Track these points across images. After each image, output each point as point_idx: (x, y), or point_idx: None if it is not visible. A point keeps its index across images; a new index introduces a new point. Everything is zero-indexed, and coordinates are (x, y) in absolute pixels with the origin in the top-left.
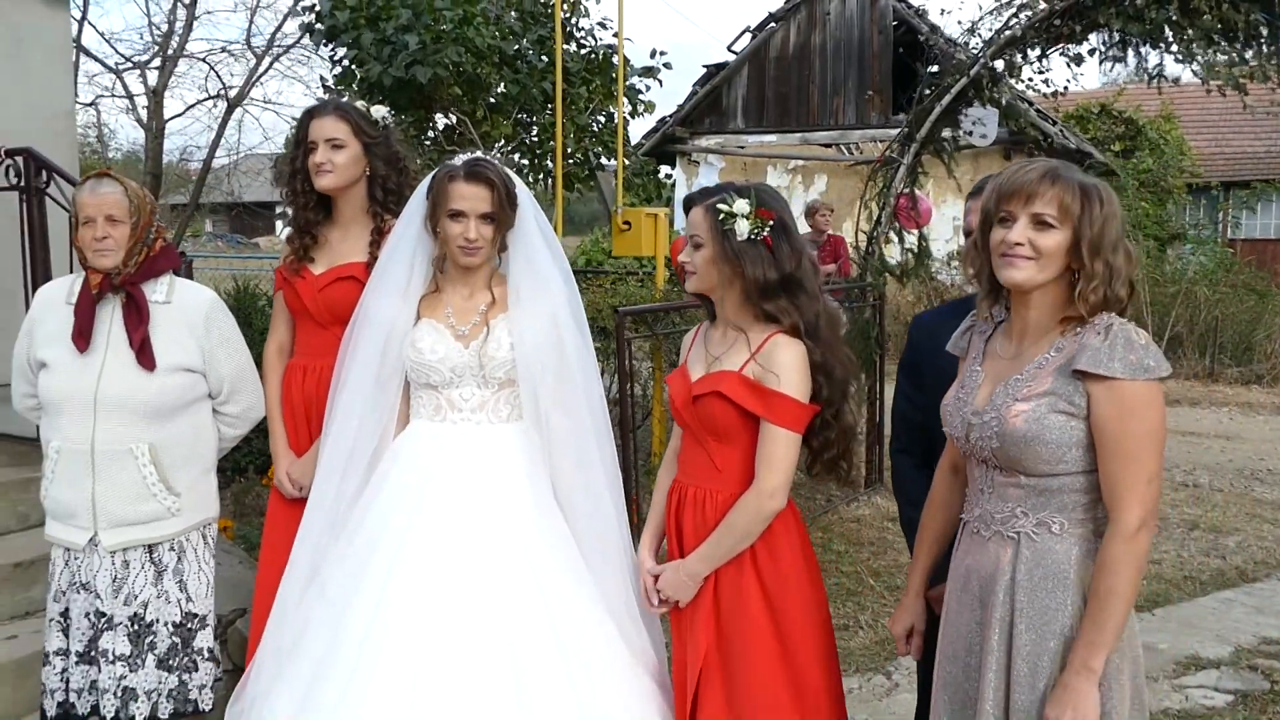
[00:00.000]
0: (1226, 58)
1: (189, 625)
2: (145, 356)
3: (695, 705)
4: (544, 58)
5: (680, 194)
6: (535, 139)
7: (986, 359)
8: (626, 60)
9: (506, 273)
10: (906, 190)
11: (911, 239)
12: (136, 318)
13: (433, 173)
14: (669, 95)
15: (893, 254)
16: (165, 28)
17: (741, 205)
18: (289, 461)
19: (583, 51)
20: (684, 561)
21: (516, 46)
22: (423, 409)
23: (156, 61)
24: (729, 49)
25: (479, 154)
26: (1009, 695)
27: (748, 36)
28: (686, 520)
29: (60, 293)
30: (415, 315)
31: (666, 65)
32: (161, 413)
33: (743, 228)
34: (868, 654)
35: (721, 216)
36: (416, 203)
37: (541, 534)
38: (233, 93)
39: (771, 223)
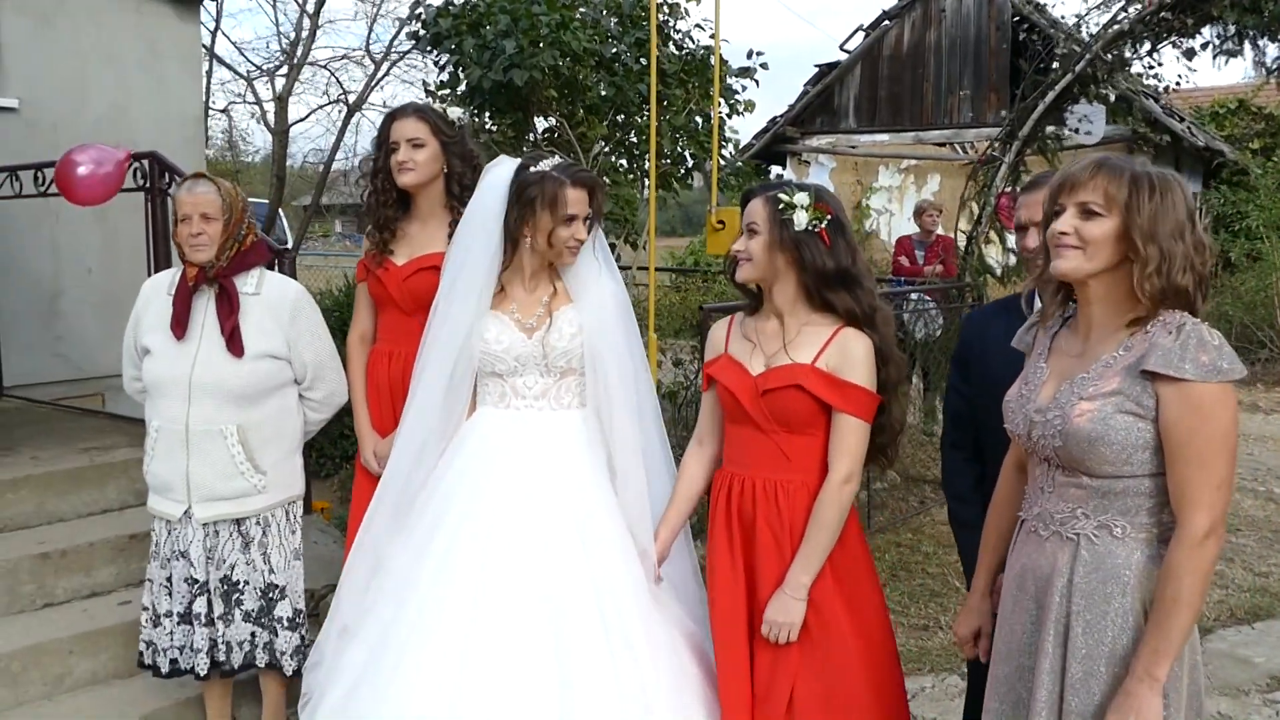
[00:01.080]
0: None
1: (270, 595)
2: (235, 344)
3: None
4: (641, 60)
5: None
6: (632, 140)
7: (1052, 355)
8: (724, 61)
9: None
10: (1008, 189)
11: (1013, 239)
12: (228, 308)
13: (512, 176)
14: (780, 95)
15: (995, 254)
16: (292, 36)
17: (801, 197)
18: (374, 441)
19: (680, 53)
20: (785, 583)
21: (615, 50)
22: (489, 396)
23: (284, 70)
24: (841, 48)
25: (559, 158)
26: (1063, 699)
27: (861, 35)
28: (760, 512)
29: (162, 284)
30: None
31: (763, 65)
32: (249, 396)
33: (801, 218)
34: (944, 654)
35: (781, 206)
36: (489, 208)
37: (596, 518)
38: (352, 98)
39: (830, 217)
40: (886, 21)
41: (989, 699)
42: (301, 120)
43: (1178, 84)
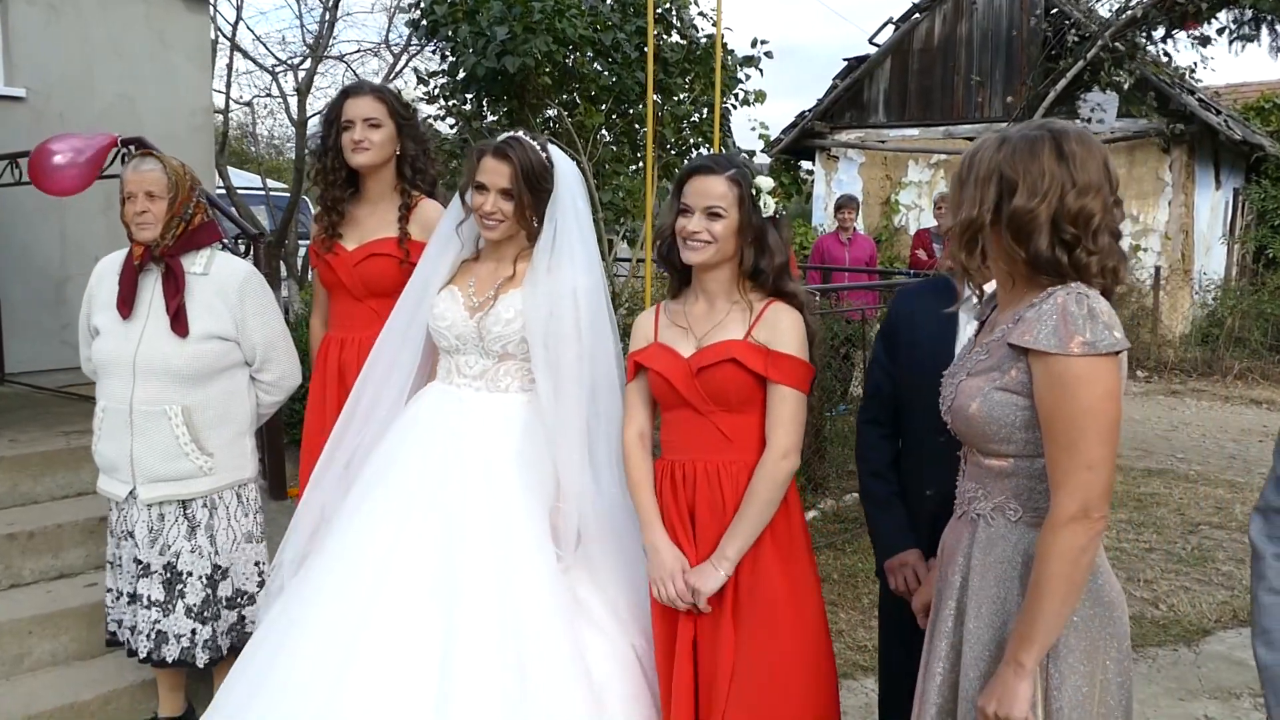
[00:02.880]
0: None
1: (215, 577)
2: (179, 324)
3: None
4: (641, 48)
5: (820, 189)
6: (632, 129)
7: (981, 329)
8: (729, 50)
9: (538, 249)
10: None
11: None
12: (173, 287)
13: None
14: (809, 89)
15: None
16: (315, 29)
17: (766, 182)
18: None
19: (685, 42)
20: (716, 552)
21: (613, 38)
22: (440, 370)
23: (307, 64)
24: (871, 41)
25: (520, 133)
26: (959, 676)
27: (891, 29)
28: (700, 496)
29: (113, 265)
30: (447, 279)
31: (768, 55)
32: (195, 377)
33: (769, 204)
34: None
35: (754, 190)
36: (465, 174)
37: (508, 505)
38: None
39: (784, 207)
40: (916, 15)
41: (923, 662)
42: (319, 113)
43: (1193, 68)
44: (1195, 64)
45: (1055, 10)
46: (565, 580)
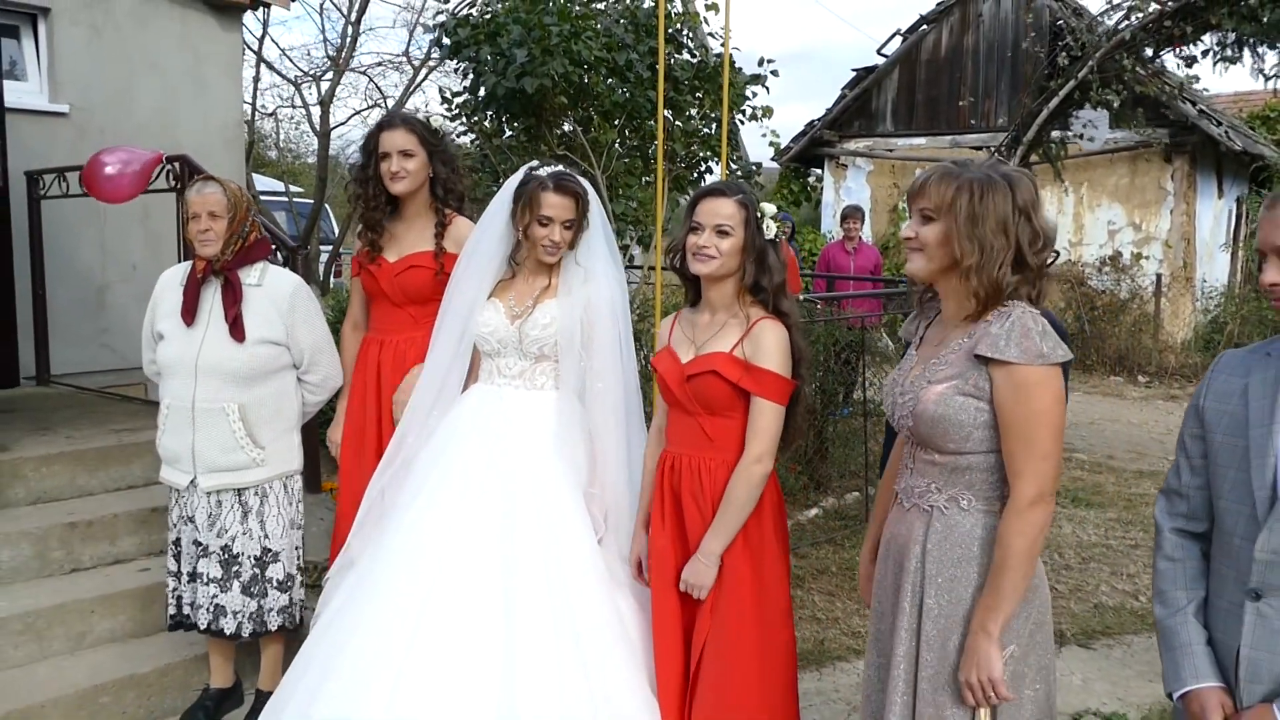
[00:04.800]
0: None
1: (265, 559)
2: (237, 330)
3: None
4: (653, 68)
5: (829, 197)
6: (646, 143)
7: (922, 345)
8: (736, 67)
9: (566, 264)
10: None
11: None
12: (232, 297)
13: (521, 178)
14: (818, 99)
15: None
16: (338, 42)
17: (770, 208)
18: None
19: (694, 61)
20: (700, 549)
21: (627, 58)
22: (483, 372)
23: (329, 75)
24: (879, 52)
25: (562, 167)
26: (918, 655)
27: (898, 39)
28: (684, 487)
29: (176, 276)
30: (489, 295)
31: (774, 73)
32: (250, 378)
33: (771, 228)
34: None
35: (759, 214)
36: (501, 202)
37: (551, 490)
38: (391, 102)
39: (784, 231)
40: (924, 26)
41: (868, 652)
42: (342, 124)
43: (1196, 78)
44: (1197, 75)
45: (1060, 21)
46: (601, 551)
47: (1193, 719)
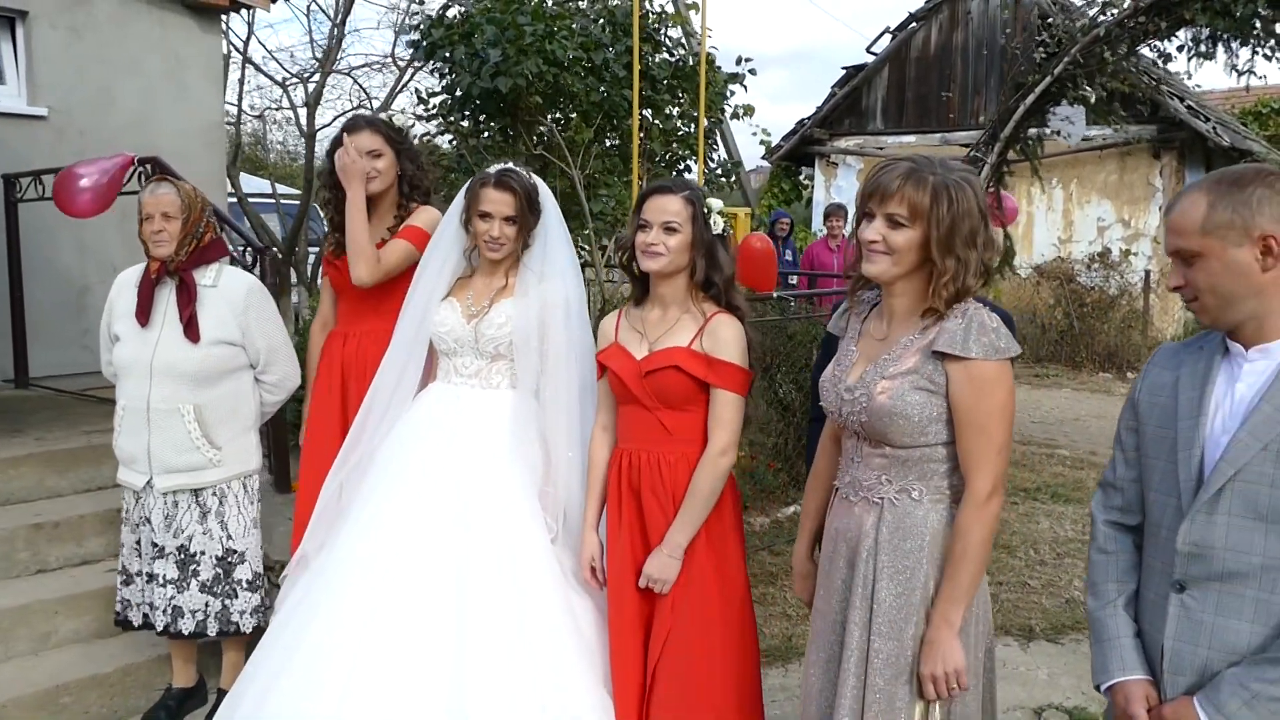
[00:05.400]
0: None
1: (229, 559)
2: (191, 330)
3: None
4: (629, 67)
5: (820, 195)
6: (623, 142)
7: (861, 339)
8: (716, 66)
9: (523, 264)
10: (991, 189)
11: (997, 238)
12: (186, 298)
13: (471, 178)
14: (809, 97)
15: None
16: (325, 43)
17: (716, 203)
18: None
19: (672, 60)
20: (663, 542)
21: (605, 57)
22: (440, 371)
23: (316, 77)
24: (868, 50)
25: (510, 164)
26: (870, 645)
27: (888, 38)
28: (644, 482)
29: (131, 277)
30: (446, 293)
31: (751, 72)
32: (205, 378)
33: (718, 222)
34: None
35: (706, 209)
36: (456, 202)
37: (507, 483)
38: (376, 104)
39: (730, 226)
40: (913, 24)
41: (809, 649)
42: (327, 125)
43: (1189, 74)
44: (1190, 71)
45: (1050, 19)
46: (555, 551)
47: (1118, 711)
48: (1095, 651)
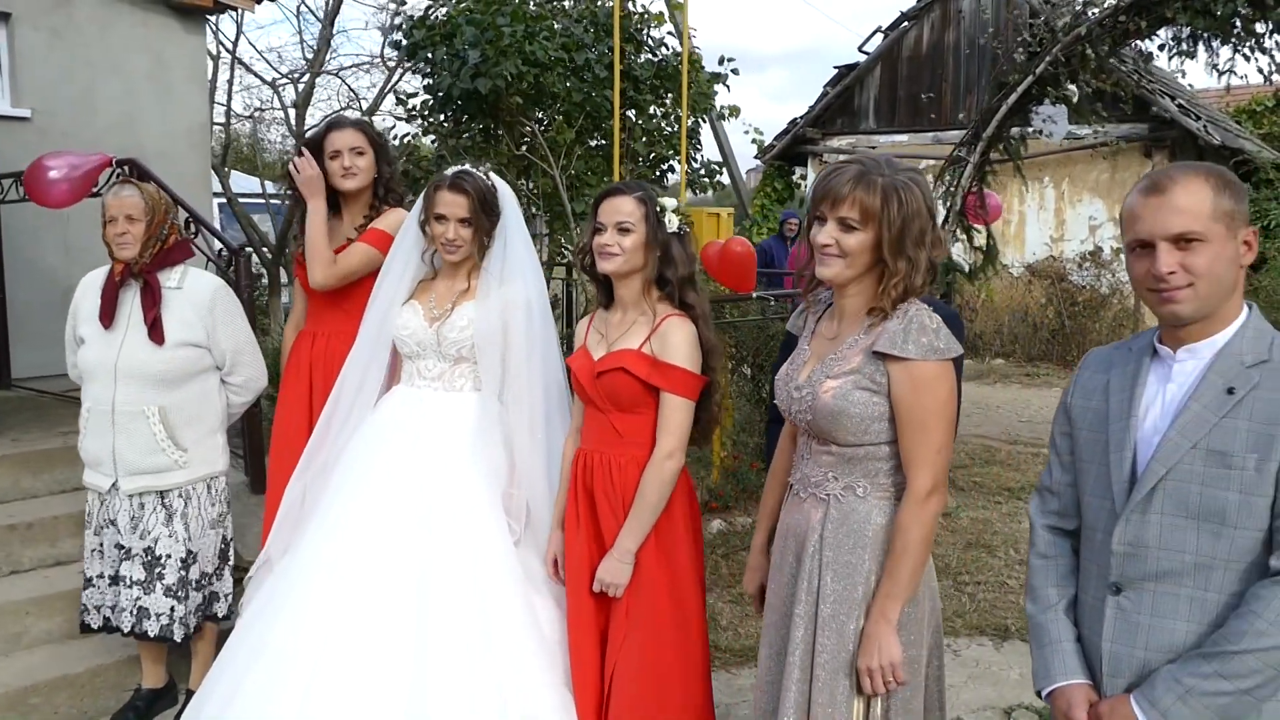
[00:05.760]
0: None
1: (187, 560)
2: (156, 333)
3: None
4: (612, 68)
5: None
6: (602, 143)
7: (814, 339)
8: (699, 66)
9: (485, 267)
10: (974, 189)
11: (981, 237)
12: (150, 300)
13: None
14: (801, 96)
15: (962, 252)
16: (315, 45)
17: (671, 202)
18: None
19: (655, 60)
20: (614, 547)
21: (586, 58)
22: (403, 374)
23: (306, 78)
24: (860, 49)
25: (467, 167)
26: (815, 638)
27: (880, 37)
28: (597, 484)
29: (96, 279)
30: (409, 295)
31: (734, 72)
32: (170, 380)
33: (672, 221)
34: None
35: (659, 209)
36: (418, 206)
37: (470, 486)
38: (365, 104)
39: (690, 224)
40: (905, 23)
41: (761, 644)
42: (316, 125)
43: (1183, 72)
44: (1183, 70)
45: (1043, 18)
46: (518, 552)
47: (1059, 715)
48: (1036, 656)
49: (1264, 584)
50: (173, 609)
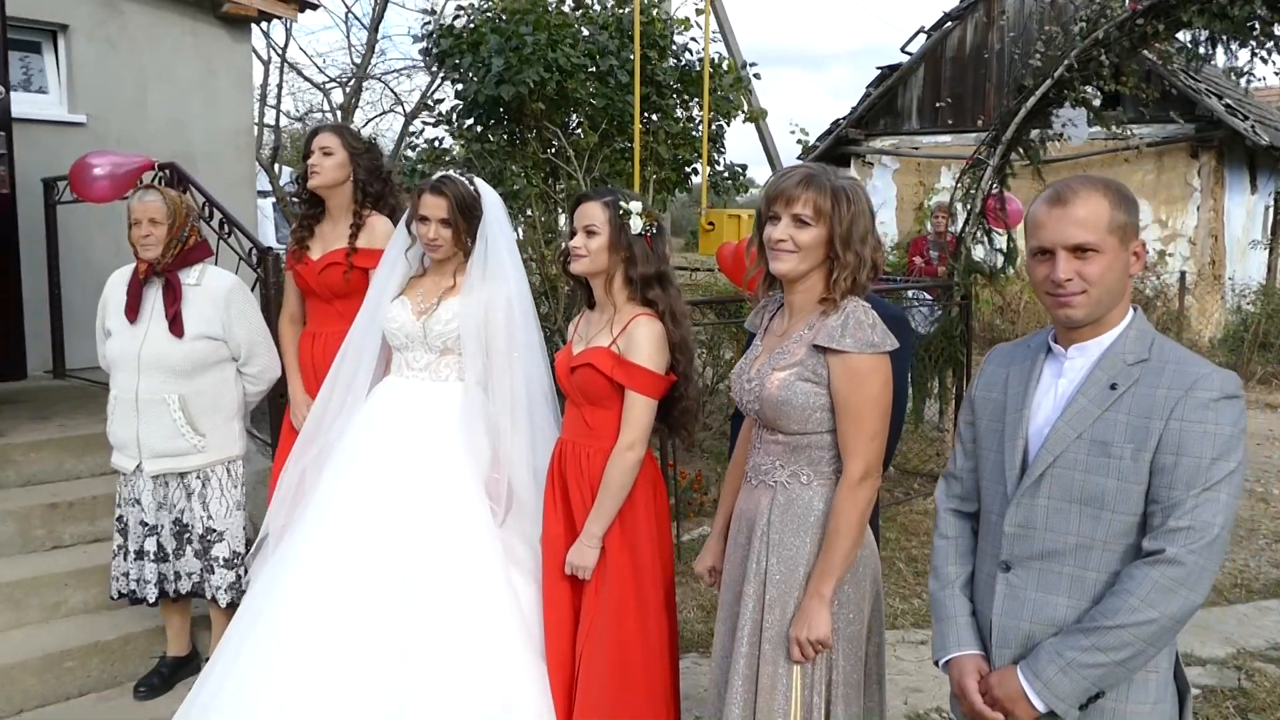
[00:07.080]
0: None
1: (209, 538)
2: (176, 326)
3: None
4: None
5: None
6: (626, 146)
7: (767, 334)
8: (723, 70)
9: (470, 264)
10: (995, 191)
11: (1001, 240)
12: (171, 296)
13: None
14: (844, 97)
15: (983, 253)
16: (363, 50)
17: (636, 205)
18: (306, 404)
19: (680, 65)
20: (582, 532)
21: (610, 64)
22: (393, 366)
23: (352, 81)
24: (903, 50)
25: (450, 173)
26: (763, 617)
27: (923, 37)
28: (569, 472)
29: (122, 277)
30: (399, 291)
31: (756, 76)
32: (188, 371)
33: (636, 224)
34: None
35: (621, 211)
36: (409, 209)
37: (455, 470)
38: (408, 107)
39: (657, 225)
40: (949, 23)
41: (717, 622)
42: (363, 127)
43: (1240, 71)
44: (1242, 69)
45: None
46: (500, 533)
47: (953, 684)
48: (935, 630)
49: (1137, 564)
50: (201, 569)
